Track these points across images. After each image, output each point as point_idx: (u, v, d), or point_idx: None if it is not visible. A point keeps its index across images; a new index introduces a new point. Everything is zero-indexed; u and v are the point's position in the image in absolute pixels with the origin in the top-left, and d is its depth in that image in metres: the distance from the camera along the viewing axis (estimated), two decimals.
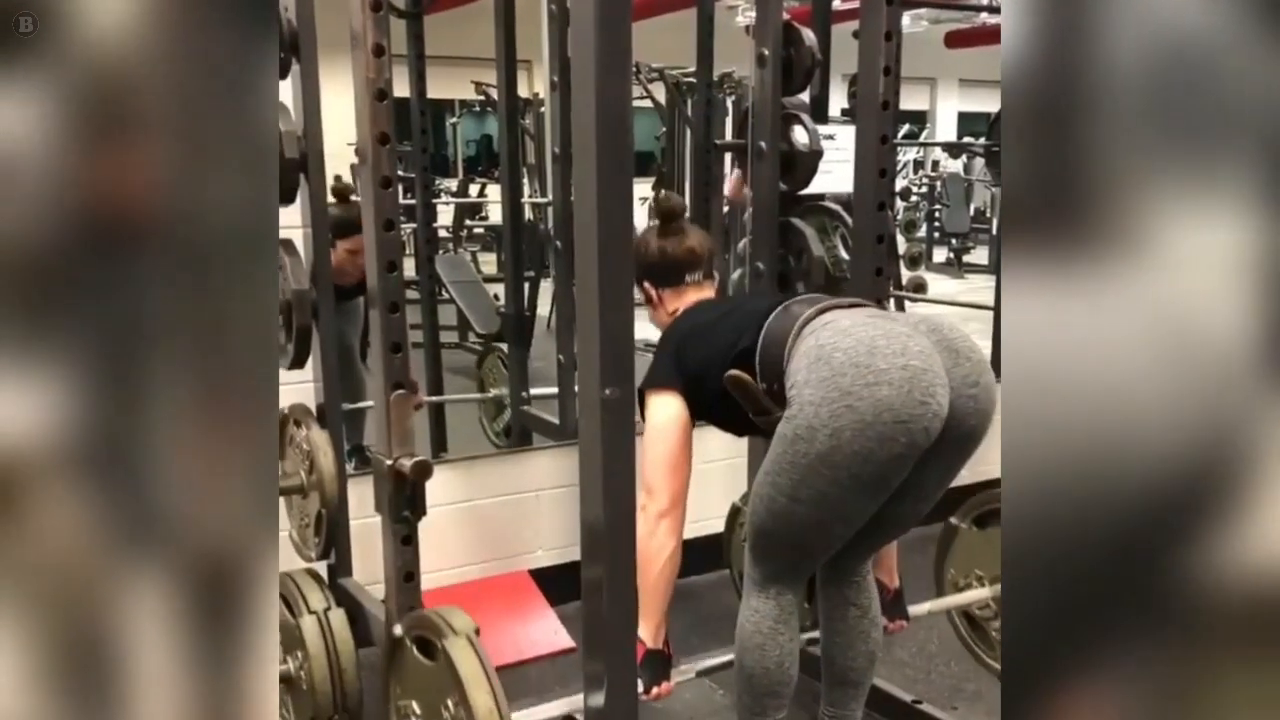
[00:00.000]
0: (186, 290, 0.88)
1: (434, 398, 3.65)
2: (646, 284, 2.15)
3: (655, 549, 1.83)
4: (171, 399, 0.88)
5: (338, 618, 2.09)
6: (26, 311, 0.83)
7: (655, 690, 1.90)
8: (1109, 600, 0.85)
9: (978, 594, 2.38)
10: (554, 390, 3.46)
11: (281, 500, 2.31)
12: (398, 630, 1.64)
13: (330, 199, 2.34)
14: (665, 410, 1.90)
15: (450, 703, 1.49)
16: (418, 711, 1.60)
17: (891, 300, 2.72)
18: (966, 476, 1.93)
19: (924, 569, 2.86)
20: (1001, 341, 0.86)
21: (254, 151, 0.91)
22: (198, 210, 0.88)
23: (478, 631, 1.54)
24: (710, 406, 1.93)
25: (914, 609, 2.24)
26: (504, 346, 3.80)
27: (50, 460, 0.85)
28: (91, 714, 0.85)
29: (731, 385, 1.82)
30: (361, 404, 3.10)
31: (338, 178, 2.89)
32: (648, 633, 1.87)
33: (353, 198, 2.95)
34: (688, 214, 2.31)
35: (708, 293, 2.15)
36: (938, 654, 2.88)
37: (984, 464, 1.82)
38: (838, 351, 1.66)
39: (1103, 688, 0.85)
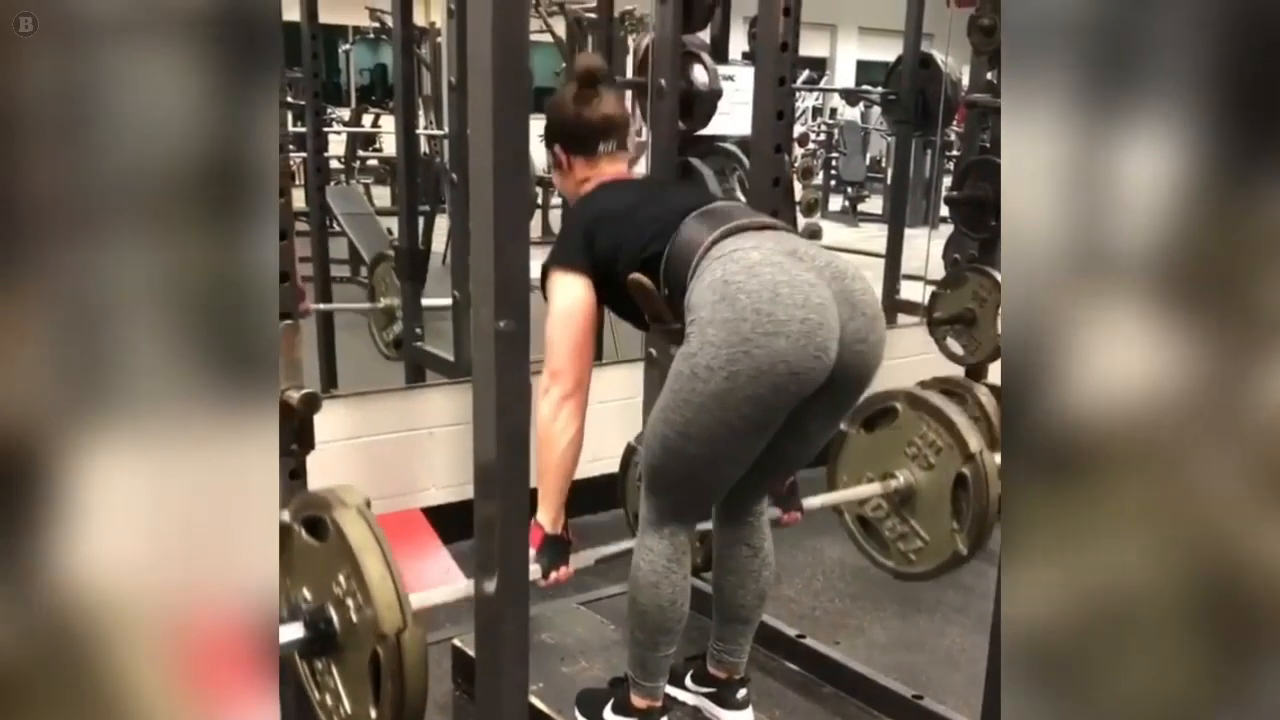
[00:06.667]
0: None
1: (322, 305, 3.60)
2: (558, 148, 2.07)
3: (558, 433, 1.83)
4: None
5: None
6: None
7: (553, 575, 1.90)
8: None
9: (869, 489, 2.44)
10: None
11: None
12: (285, 517, 1.52)
13: None
14: (572, 292, 1.87)
15: (341, 577, 1.39)
16: (308, 598, 1.46)
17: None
18: None
19: None
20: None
21: None
22: None
23: (368, 503, 1.46)
24: (613, 296, 1.93)
25: (808, 502, 2.27)
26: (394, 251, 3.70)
27: None
28: None
29: (633, 287, 1.84)
30: None
31: None
32: (547, 518, 1.87)
33: None
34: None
35: (620, 165, 2.08)
36: (822, 591, 2.97)
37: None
38: (742, 294, 1.68)
39: None
